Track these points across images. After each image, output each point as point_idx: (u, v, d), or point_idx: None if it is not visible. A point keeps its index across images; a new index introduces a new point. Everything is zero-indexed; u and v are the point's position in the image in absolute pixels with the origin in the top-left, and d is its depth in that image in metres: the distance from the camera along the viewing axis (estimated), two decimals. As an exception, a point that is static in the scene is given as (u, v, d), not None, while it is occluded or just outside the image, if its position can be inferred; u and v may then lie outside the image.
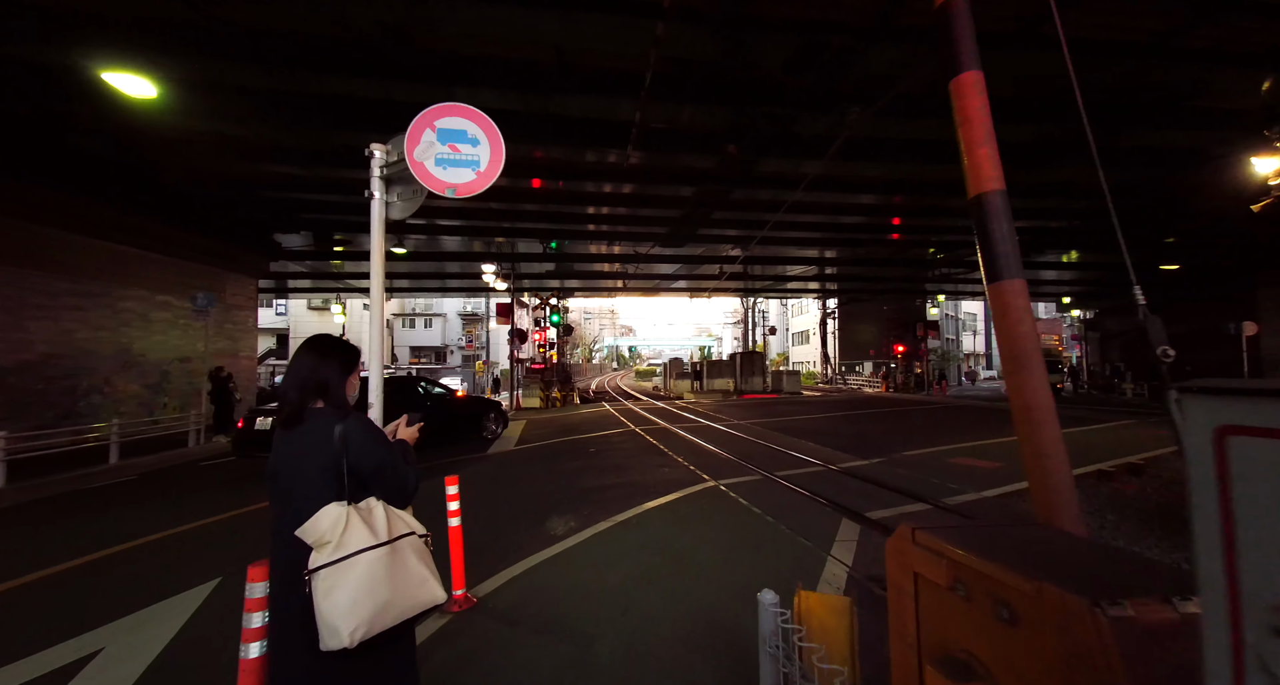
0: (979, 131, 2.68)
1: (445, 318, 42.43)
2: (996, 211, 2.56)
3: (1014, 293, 2.48)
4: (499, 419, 11.24)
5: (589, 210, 14.52)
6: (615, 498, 6.01)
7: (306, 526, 1.47)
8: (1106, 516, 5.57)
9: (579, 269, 22.98)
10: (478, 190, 2.33)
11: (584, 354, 73.05)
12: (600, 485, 6.73)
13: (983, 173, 2.60)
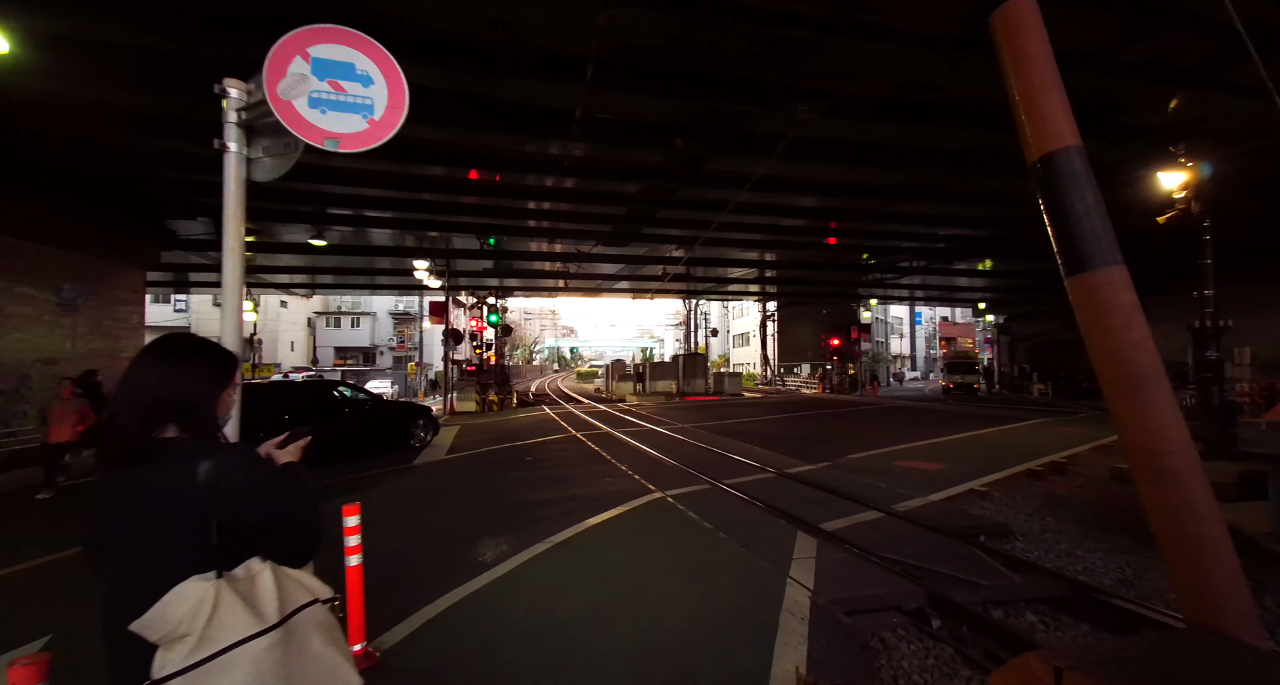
0: (1041, 74, 1.97)
1: (375, 317, 39.92)
2: (1075, 176, 1.85)
3: (1112, 286, 1.78)
4: (429, 426, 10.38)
5: (530, 205, 13.85)
6: (554, 514, 5.48)
7: (150, 616, 0.97)
8: (1046, 518, 5.62)
9: (519, 267, 22.10)
10: (372, 144, 1.78)
11: (524, 355, 71.26)
12: (538, 500, 6.17)
13: (1052, 125, 1.91)
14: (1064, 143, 1.92)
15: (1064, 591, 3.68)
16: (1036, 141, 1.96)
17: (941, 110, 8.89)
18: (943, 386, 28.60)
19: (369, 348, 39.68)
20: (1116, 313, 1.77)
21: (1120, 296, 1.77)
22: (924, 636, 3.21)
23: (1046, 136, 1.94)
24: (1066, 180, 1.90)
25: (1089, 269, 1.82)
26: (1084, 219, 1.86)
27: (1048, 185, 1.94)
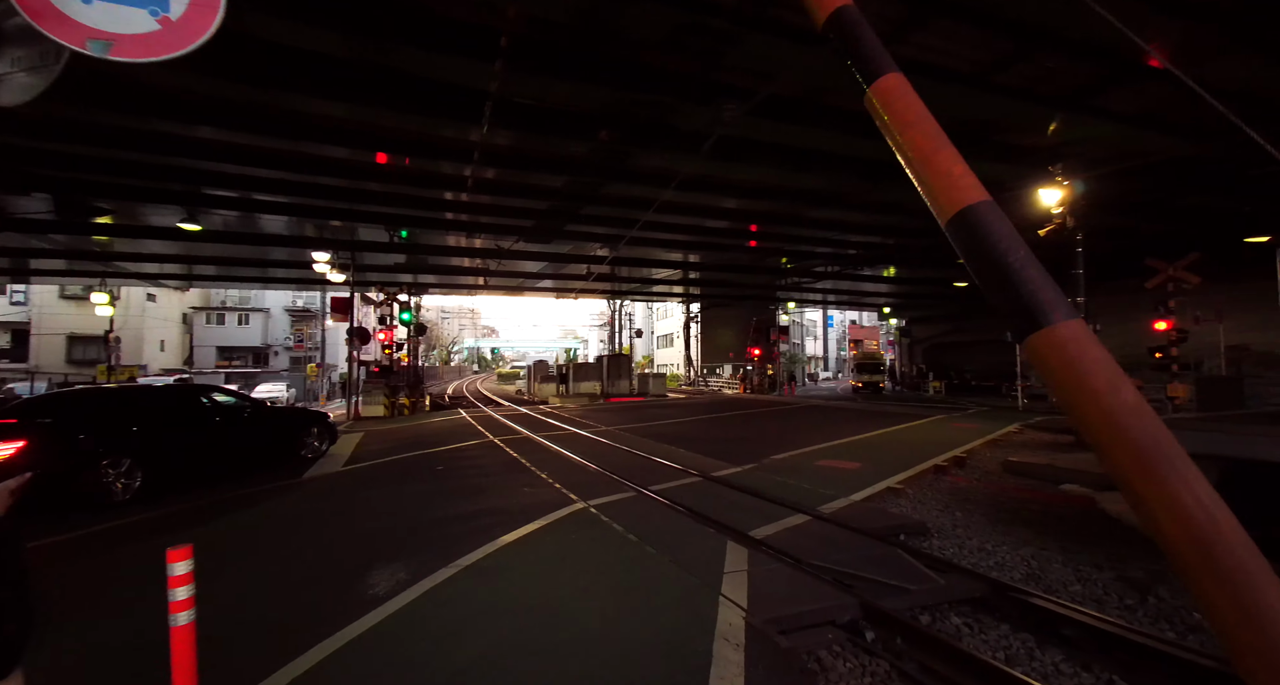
0: (931, 136, 1.84)
1: (268, 313, 36.12)
2: (999, 229, 1.65)
3: (1079, 341, 1.47)
4: (324, 434, 9.29)
5: (446, 196, 12.93)
6: (465, 532, 4.93)
7: None
8: (956, 513, 5.83)
9: (435, 263, 20.78)
10: (165, 53, 1.27)
11: (441, 356, 67.91)
12: (447, 516, 5.56)
13: (957, 181, 1.75)
14: (977, 197, 1.73)
15: (985, 591, 3.71)
16: (947, 202, 1.74)
17: (854, 119, 9.18)
18: (852, 386, 30.35)
19: (260, 348, 35.84)
20: (1097, 372, 1.46)
21: (1092, 352, 1.49)
22: (859, 651, 3.07)
23: (956, 194, 1.73)
24: (993, 234, 1.67)
25: (1047, 325, 1.52)
26: (1023, 271, 1.61)
27: (971, 243, 1.70)
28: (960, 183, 1.73)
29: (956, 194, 1.71)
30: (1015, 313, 1.58)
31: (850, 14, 2.14)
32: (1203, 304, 14.65)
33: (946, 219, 1.72)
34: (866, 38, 2.09)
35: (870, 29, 2.17)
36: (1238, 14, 6.52)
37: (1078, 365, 1.46)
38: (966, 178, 1.73)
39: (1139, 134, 9.66)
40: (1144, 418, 1.39)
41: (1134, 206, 13.50)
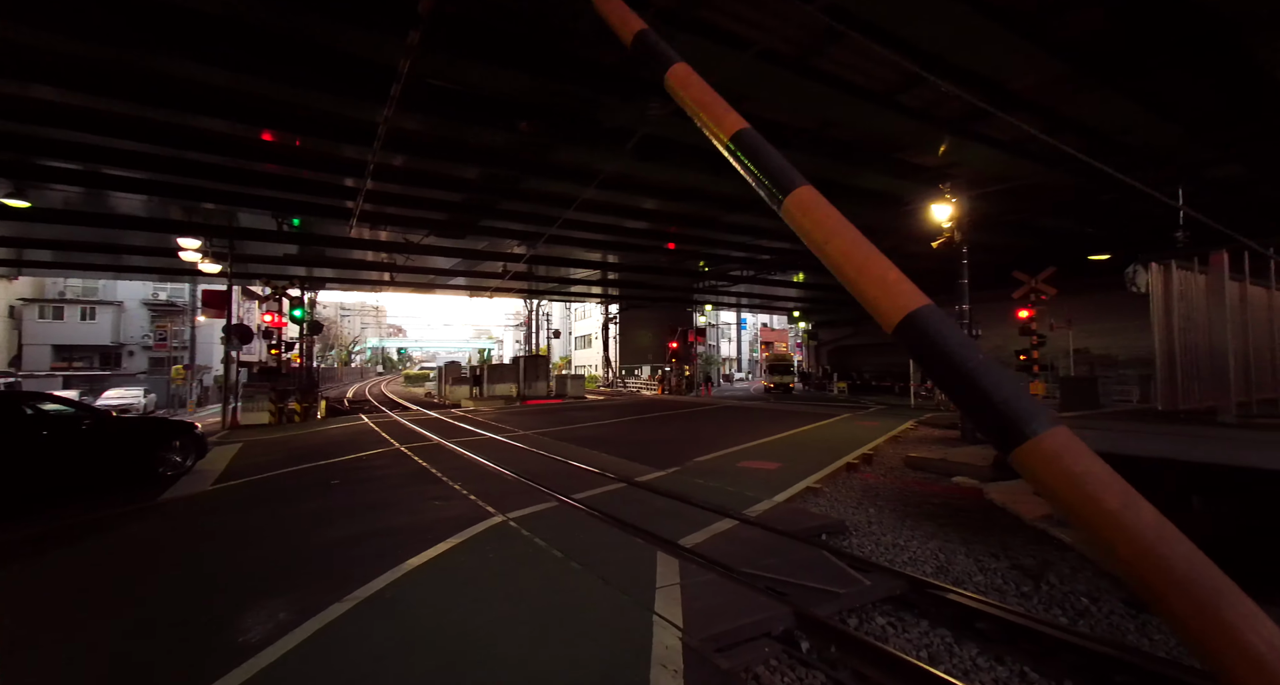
0: (856, 243, 1.70)
1: (121, 307, 31.23)
2: (952, 330, 1.49)
3: (1072, 452, 1.26)
4: (190, 447, 8.05)
5: (347, 182, 11.80)
6: (363, 557, 4.37)
7: None
8: (869, 510, 6.08)
9: (333, 256, 19.00)
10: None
11: (341, 357, 62.79)
12: (341, 538, 4.93)
13: (894, 288, 1.58)
14: (919, 302, 1.58)
15: (904, 588, 3.82)
16: (890, 308, 1.57)
17: (769, 128, 9.46)
18: (764, 386, 31.66)
19: (111, 347, 30.91)
20: (1106, 489, 1.19)
21: (1091, 466, 1.24)
22: (796, 664, 3.00)
23: (900, 300, 1.56)
24: (946, 340, 1.49)
25: (1032, 436, 1.29)
26: (987, 376, 1.40)
27: (924, 348, 1.52)
28: (899, 289, 1.60)
29: (900, 300, 1.57)
30: (991, 425, 1.39)
31: (750, 135, 2.06)
32: (1056, 313, 16.74)
33: (893, 326, 1.56)
34: (771, 155, 2.02)
35: (772, 147, 2.11)
36: (1094, 56, 7.38)
37: (1082, 482, 1.23)
38: (904, 284, 1.60)
39: (1010, 160, 10.77)
40: (1172, 538, 1.16)
41: (1005, 225, 15.14)
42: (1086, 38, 7.07)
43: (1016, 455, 1.31)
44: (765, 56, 7.11)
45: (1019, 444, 1.30)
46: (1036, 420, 1.30)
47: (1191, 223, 11.85)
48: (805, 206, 1.82)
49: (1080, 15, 6.70)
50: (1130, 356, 20.10)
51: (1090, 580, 4.20)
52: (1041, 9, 6.54)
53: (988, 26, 6.59)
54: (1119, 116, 9.01)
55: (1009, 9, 6.46)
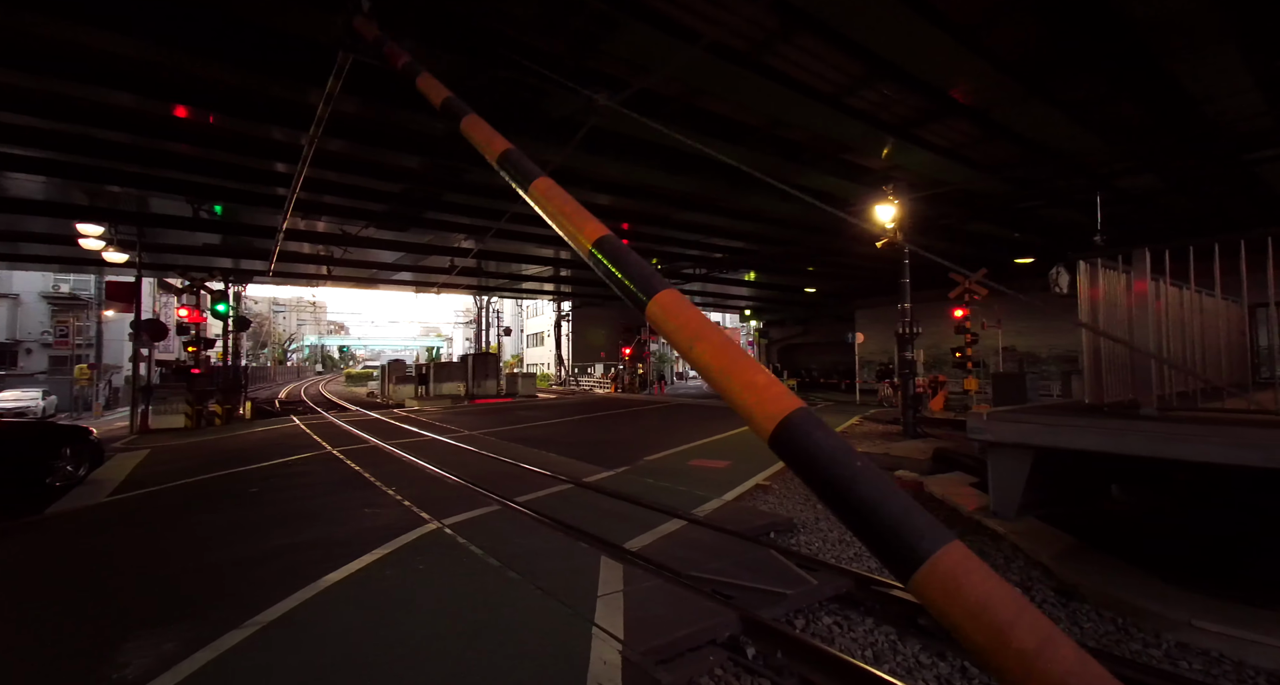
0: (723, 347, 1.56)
1: (16, 300, 28.13)
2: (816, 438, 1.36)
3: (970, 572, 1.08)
4: (83, 455, 7.22)
5: (278, 167, 10.97)
6: (274, 574, 3.97)
7: None
8: (816, 506, 6.09)
9: (263, 246, 17.73)
10: None
11: (275, 355, 59.22)
12: (253, 554, 4.48)
13: (765, 392, 1.47)
14: (791, 405, 1.41)
15: (850, 586, 3.79)
16: (763, 415, 1.40)
17: (724, 123, 9.44)
18: (716, 383, 31.99)
19: (6, 344, 27.78)
20: (1019, 627, 0.96)
21: (995, 590, 1.02)
22: (741, 671, 2.88)
23: (772, 407, 1.38)
24: (820, 446, 1.29)
25: (927, 556, 1.08)
26: (871, 486, 1.21)
27: (801, 458, 1.32)
28: (770, 393, 1.45)
29: (771, 406, 1.41)
30: (880, 545, 1.19)
31: (612, 241, 1.99)
32: (987, 313, 17.65)
33: (767, 435, 1.39)
34: (633, 260, 1.93)
35: (634, 253, 2.02)
36: (1023, 67, 7.69)
37: (987, 617, 0.99)
38: (774, 386, 1.46)
39: (948, 165, 11.20)
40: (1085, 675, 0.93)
41: (943, 228, 15.80)
42: (1017, 48, 7.36)
43: (914, 582, 1.09)
44: (717, 51, 7.03)
45: (915, 568, 1.08)
46: (929, 536, 1.10)
47: (1108, 228, 12.72)
48: (669, 309, 1.71)
49: (1009, 27, 6.95)
50: (1051, 354, 21.52)
51: (1022, 570, 4.32)
52: (976, 19, 6.74)
53: (929, 31, 6.74)
54: (1045, 126, 9.47)
55: (948, 16, 6.63)
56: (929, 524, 1.13)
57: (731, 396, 1.49)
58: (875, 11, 6.36)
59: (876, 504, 1.18)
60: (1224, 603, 3.45)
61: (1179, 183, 12.20)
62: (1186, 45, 6.84)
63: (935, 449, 8.64)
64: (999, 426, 4.61)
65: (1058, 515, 5.30)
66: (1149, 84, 8.00)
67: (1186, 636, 3.19)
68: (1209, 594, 3.79)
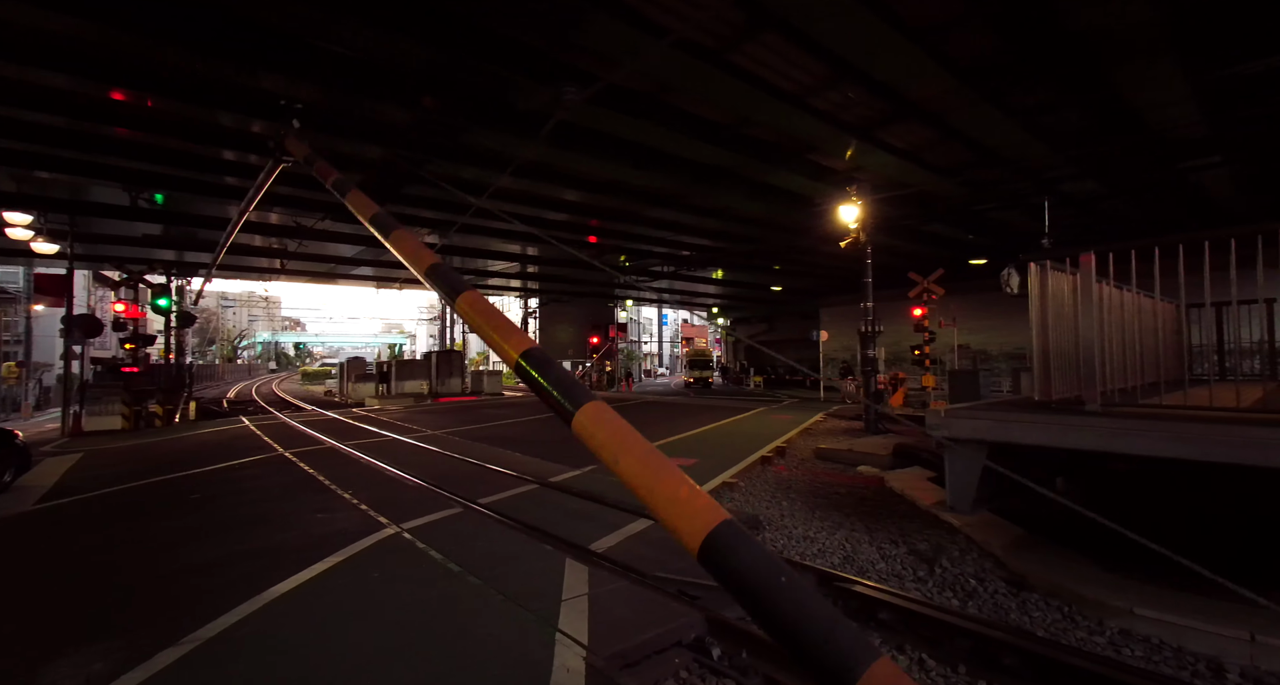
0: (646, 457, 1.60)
1: (-67, 293, 26.04)
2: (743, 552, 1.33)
3: None
4: (6, 459, 6.70)
5: (226, 156, 10.43)
6: (214, 585, 3.74)
7: None
8: (782, 503, 6.18)
9: (207, 238, 16.85)
10: None
11: (224, 352, 56.53)
12: (193, 564, 4.22)
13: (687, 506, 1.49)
14: (717, 518, 1.35)
15: (814, 583, 3.82)
16: (689, 531, 1.35)
17: (693, 121, 9.44)
18: (684, 381, 32.20)
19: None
20: None
21: None
22: (707, 673, 2.86)
23: (696, 521, 1.34)
24: (747, 561, 1.25)
25: (861, 676, 1.05)
26: (800, 601, 1.17)
27: (729, 574, 1.27)
28: (693, 506, 1.38)
29: (696, 521, 1.35)
30: (812, 664, 1.14)
31: (537, 352, 2.03)
32: (944, 311, 18.28)
33: (695, 551, 1.32)
34: (558, 371, 1.97)
35: (558, 364, 2.05)
36: (977, 73, 7.94)
37: None
38: (697, 499, 1.40)
39: (908, 167, 11.49)
40: None
41: (903, 229, 16.25)
42: (972, 55, 7.58)
43: None
44: (685, 47, 7.00)
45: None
46: (857, 655, 1.07)
47: (1054, 231, 13.32)
48: (598, 419, 1.67)
49: (966, 34, 7.15)
50: (1001, 352, 22.46)
51: (976, 561, 4.46)
52: (933, 24, 6.91)
53: (890, 35, 6.86)
54: (997, 131, 9.81)
55: (908, 21, 6.76)
56: (855, 641, 1.10)
57: (657, 512, 1.43)
58: (838, 13, 6.42)
59: (803, 621, 1.14)
60: (1163, 590, 3.63)
61: (1119, 188, 12.85)
62: (1129, 55, 7.17)
63: (895, 444, 8.87)
64: (956, 423, 4.75)
65: (1009, 508, 5.50)
66: (1094, 93, 8.38)
67: (1128, 624, 3.35)
68: (1149, 582, 3.99)
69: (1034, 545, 4.46)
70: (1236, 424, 3.61)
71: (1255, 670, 2.87)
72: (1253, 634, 2.94)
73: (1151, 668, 2.97)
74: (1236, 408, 3.91)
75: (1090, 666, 2.75)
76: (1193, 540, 4.98)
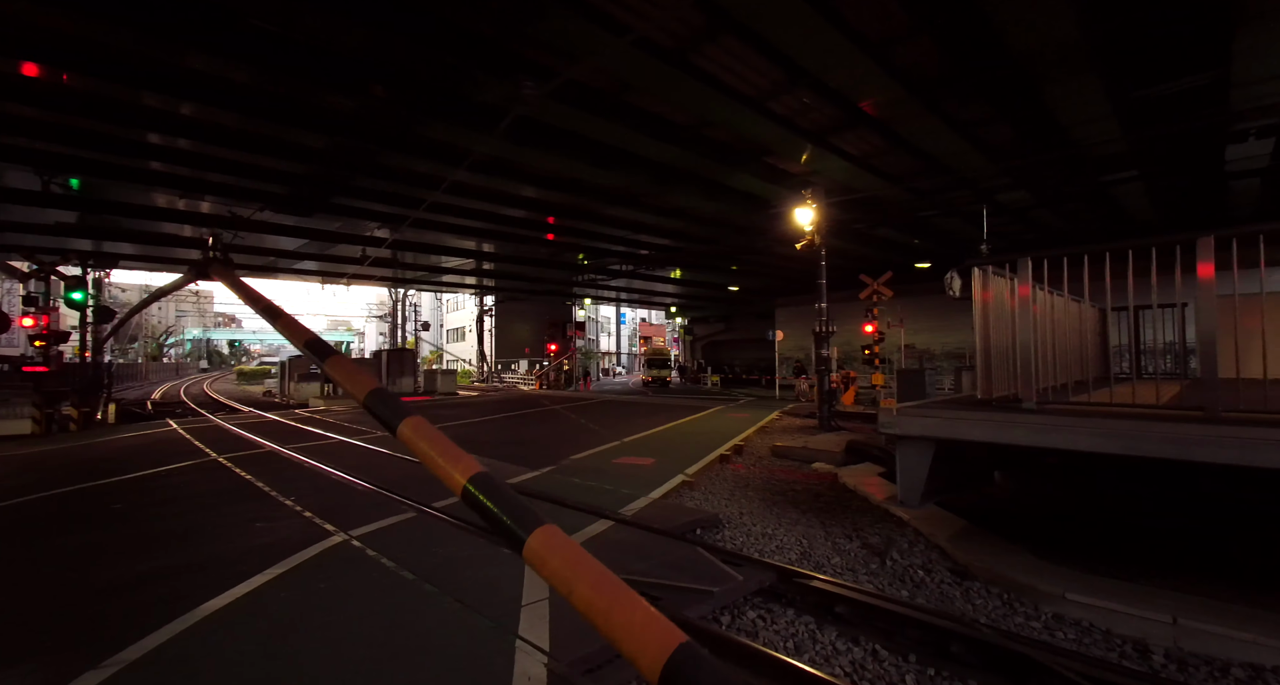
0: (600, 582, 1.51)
1: None
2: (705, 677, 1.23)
3: None
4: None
5: (152, 139, 9.68)
6: (140, 602, 3.46)
7: None
8: (741, 501, 6.27)
9: (132, 227, 15.62)
10: None
11: (149, 350, 52.66)
12: (116, 581, 3.88)
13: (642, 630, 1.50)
14: (676, 641, 1.24)
15: (773, 579, 3.90)
16: (647, 660, 1.24)
17: (651, 120, 9.45)
18: (643, 380, 32.28)
19: None
20: None
21: None
22: (669, 674, 2.85)
23: (654, 649, 1.22)
24: None
25: None
26: None
27: None
28: (650, 630, 1.30)
29: (653, 645, 1.25)
30: None
31: (485, 477, 1.85)
32: (892, 313, 19.06)
33: (655, 678, 1.26)
34: (508, 495, 1.82)
35: (510, 488, 1.90)
36: (921, 85, 8.28)
37: None
38: (653, 623, 1.31)
39: (859, 173, 11.90)
40: None
41: (852, 232, 16.82)
42: (919, 68, 7.91)
43: None
44: (644, 46, 6.99)
45: None
46: None
47: (992, 237, 14.10)
48: (550, 546, 1.55)
49: (913, 46, 7.45)
50: (944, 351, 23.63)
51: (924, 553, 4.65)
52: (883, 37, 7.16)
53: (843, 44, 7.06)
54: (940, 141, 10.29)
55: (859, 30, 6.97)
56: None
57: (615, 642, 1.33)
58: (794, 20, 6.55)
59: None
60: (1093, 576, 3.89)
61: (1046, 198, 13.72)
62: (1057, 75, 7.65)
63: (848, 441, 9.17)
64: (906, 421, 4.94)
65: (954, 501, 5.77)
66: (1026, 109, 8.91)
67: (1062, 609, 3.56)
68: (1080, 568, 4.26)
69: (976, 536, 4.69)
70: (1157, 420, 3.91)
71: (1178, 651, 3.10)
72: (1175, 617, 3.18)
73: (1082, 650, 3.17)
74: (1157, 404, 4.23)
75: (1027, 651, 2.90)
76: (1118, 527, 5.37)
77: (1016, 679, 2.82)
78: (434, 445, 1.92)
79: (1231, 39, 6.70)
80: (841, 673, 2.98)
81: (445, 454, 1.87)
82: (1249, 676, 2.85)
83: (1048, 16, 6.33)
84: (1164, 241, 4.07)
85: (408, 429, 2.01)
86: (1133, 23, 6.73)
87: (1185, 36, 7.05)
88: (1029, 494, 6.43)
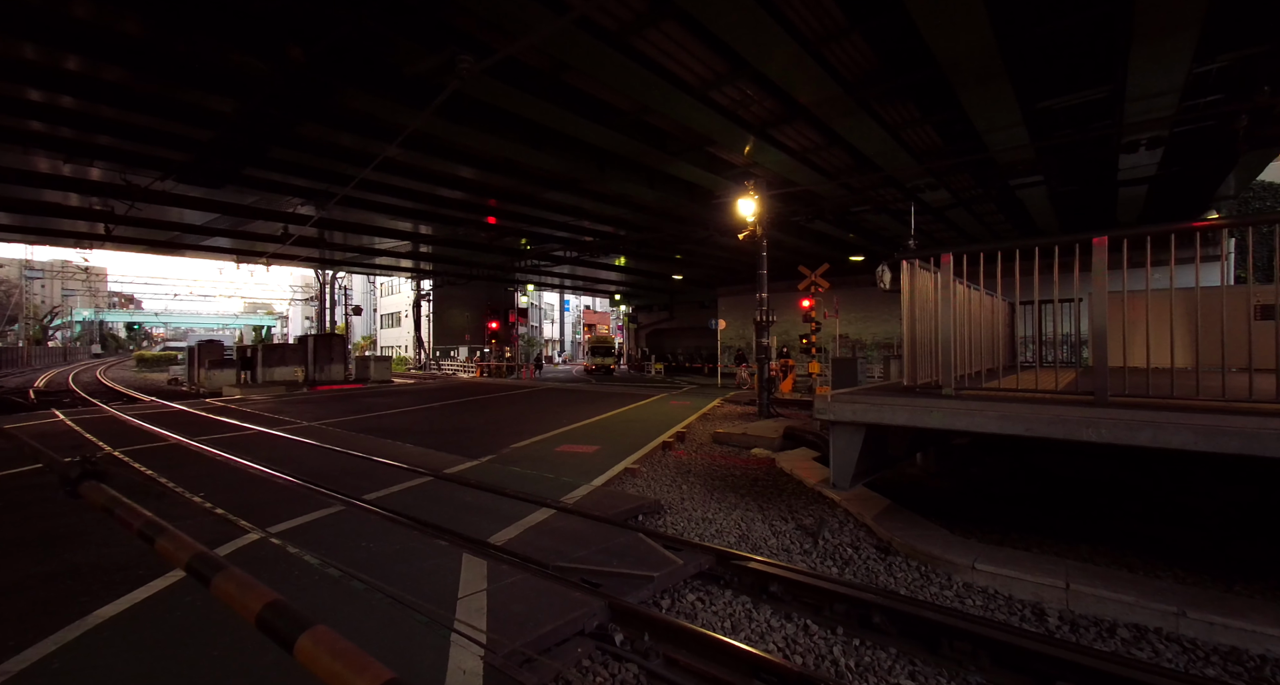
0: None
1: None
2: None
3: None
4: None
5: (32, 96, 8.57)
6: (18, 612, 3.08)
7: None
8: (682, 487, 6.36)
9: (8, 194, 13.77)
10: None
11: (30, 333, 46.95)
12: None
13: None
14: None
15: (712, 562, 3.99)
16: None
17: (591, 104, 9.29)
18: (585, 368, 32.12)
19: None
20: None
21: None
22: (609, 659, 2.87)
23: None
24: None
25: None
26: None
27: None
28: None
29: None
30: None
31: None
32: (828, 304, 19.90)
33: None
34: None
35: None
36: (855, 84, 8.58)
37: None
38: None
39: (798, 166, 12.24)
40: None
41: (791, 224, 17.35)
42: (852, 67, 8.18)
43: None
44: (585, 26, 6.82)
45: None
46: None
47: (917, 234, 14.93)
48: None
49: (847, 45, 7.69)
50: (874, 341, 24.97)
51: (852, 532, 4.90)
52: (819, 33, 7.33)
53: (782, 37, 7.16)
54: (871, 140, 10.73)
55: (797, 26, 7.10)
56: None
57: None
58: (735, 9, 6.54)
59: None
60: (997, 548, 4.24)
61: (964, 199, 14.67)
62: (972, 81, 8.12)
63: (785, 428, 9.50)
64: (838, 407, 5.17)
65: (879, 481, 6.12)
66: (947, 113, 9.43)
67: (970, 578, 3.86)
68: (987, 541, 4.63)
69: (898, 514, 4.99)
70: (1053, 404, 4.28)
71: (1071, 614, 3.44)
72: (1068, 582, 3.52)
73: (988, 614, 3.45)
74: (1055, 390, 4.64)
75: (939, 618, 3.13)
76: (1020, 499, 5.87)
77: (930, 644, 3.04)
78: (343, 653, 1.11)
79: (1126, 54, 7.32)
80: (775, 648, 3.10)
81: (353, 661, 1.11)
82: (1134, 637, 3.19)
83: (968, 25, 6.67)
84: (1066, 240, 4.43)
85: (309, 641, 1.10)
86: (1040, 36, 7.24)
87: (1085, 52, 7.67)
88: (946, 473, 6.92)
